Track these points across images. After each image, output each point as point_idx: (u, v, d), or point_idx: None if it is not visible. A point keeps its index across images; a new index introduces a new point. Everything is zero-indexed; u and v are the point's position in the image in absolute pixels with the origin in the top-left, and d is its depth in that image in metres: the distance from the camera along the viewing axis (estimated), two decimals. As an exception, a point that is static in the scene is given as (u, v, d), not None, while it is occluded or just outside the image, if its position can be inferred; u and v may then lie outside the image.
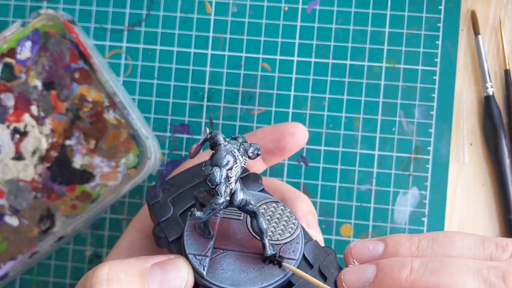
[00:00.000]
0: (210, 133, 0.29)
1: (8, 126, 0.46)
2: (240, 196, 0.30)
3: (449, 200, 0.46)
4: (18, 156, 0.46)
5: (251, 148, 0.30)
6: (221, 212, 0.33)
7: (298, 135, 0.39)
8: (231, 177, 0.29)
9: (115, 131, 0.46)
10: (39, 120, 0.46)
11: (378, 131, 0.46)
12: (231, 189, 0.29)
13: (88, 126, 0.46)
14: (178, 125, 0.47)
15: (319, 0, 0.47)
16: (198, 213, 0.29)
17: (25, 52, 0.47)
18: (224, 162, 0.29)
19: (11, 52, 0.47)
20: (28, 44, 0.46)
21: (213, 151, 0.29)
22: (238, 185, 0.30)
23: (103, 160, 0.46)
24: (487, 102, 0.46)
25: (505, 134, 0.45)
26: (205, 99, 0.47)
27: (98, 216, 0.46)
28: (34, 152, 0.46)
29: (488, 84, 0.45)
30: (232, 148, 0.29)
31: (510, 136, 0.45)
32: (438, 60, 0.46)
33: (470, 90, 0.47)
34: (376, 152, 0.46)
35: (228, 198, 0.29)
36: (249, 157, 0.30)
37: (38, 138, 0.46)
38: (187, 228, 0.32)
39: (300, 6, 0.47)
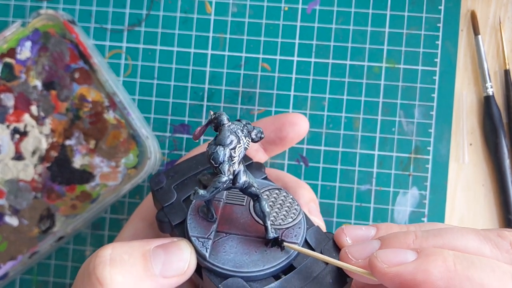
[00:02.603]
0: (214, 113, 0.30)
1: (8, 126, 0.46)
2: (243, 178, 0.30)
3: (449, 200, 0.46)
4: (18, 156, 0.46)
5: (255, 131, 0.30)
6: (224, 196, 0.33)
7: (299, 126, 0.40)
8: (234, 157, 0.29)
9: (115, 131, 0.46)
10: (39, 120, 0.46)
11: (378, 131, 0.46)
12: (234, 170, 0.29)
13: (88, 126, 0.46)
14: (178, 125, 0.47)
15: (319, 0, 0.47)
16: (201, 192, 0.29)
17: (25, 52, 0.47)
18: (228, 141, 0.29)
19: (11, 52, 0.47)
20: (28, 44, 0.46)
21: (217, 132, 0.29)
22: (242, 167, 0.30)
23: (103, 160, 0.46)
24: (487, 102, 0.46)
25: (505, 134, 0.45)
26: (205, 99, 0.47)
27: (98, 216, 0.46)
28: (34, 152, 0.46)
29: (488, 84, 0.45)
30: (235, 129, 0.29)
31: (510, 136, 0.45)
32: (438, 60, 0.46)
33: (470, 90, 0.47)
34: (376, 152, 0.46)
35: (231, 177, 0.29)
36: (252, 139, 0.30)
37: (38, 138, 0.46)
38: (190, 212, 0.32)
39: (300, 6, 0.47)
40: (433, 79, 0.46)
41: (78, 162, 0.46)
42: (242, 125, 0.30)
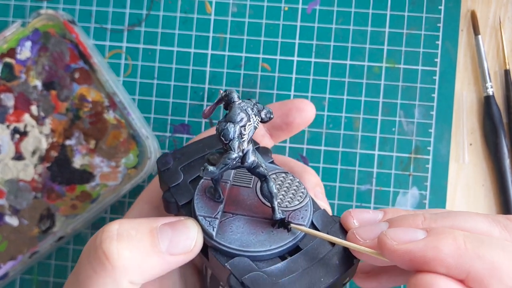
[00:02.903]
0: (225, 91, 0.30)
1: (8, 126, 0.46)
2: (251, 157, 0.30)
3: (449, 200, 0.46)
4: (18, 156, 0.46)
5: (264, 110, 0.30)
6: (231, 178, 0.34)
7: (306, 111, 0.40)
8: (244, 135, 0.29)
9: (115, 131, 0.46)
10: (39, 120, 0.46)
11: (378, 131, 0.46)
12: (243, 148, 0.29)
13: (88, 126, 0.46)
14: (178, 125, 0.47)
15: (319, 0, 0.47)
16: (211, 168, 0.29)
17: (25, 52, 0.47)
18: (238, 118, 0.29)
19: (11, 52, 0.47)
20: (28, 44, 0.46)
21: (227, 110, 0.30)
22: (251, 146, 0.30)
23: (103, 160, 0.46)
24: (487, 102, 0.46)
25: (505, 134, 0.45)
26: (205, 99, 0.47)
27: (98, 216, 0.46)
28: (34, 152, 0.46)
29: (488, 84, 0.45)
30: (246, 107, 0.29)
31: (510, 136, 0.45)
32: (438, 60, 0.46)
33: (470, 90, 0.47)
34: (376, 152, 0.46)
35: (241, 154, 0.29)
36: (261, 119, 0.30)
37: (38, 138, 0.46)
38: (197, 192, 0.32)
39: (300, 6, 0.47)
40: (433, 79, 0.46)
41: (78, 162, 0.46)
42: (252, 103, 0.30)
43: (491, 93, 0.45)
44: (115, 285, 0.28)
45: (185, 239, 0.30)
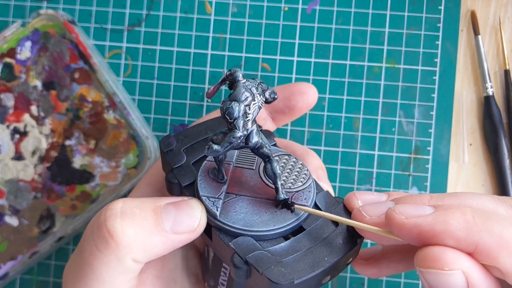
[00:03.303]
0: (229, 70, 0.30)
1: (8, 126, 0.46)
2: (255, 138, 0.30)
3: (449, 200, 0.46)
4: (18, 156, 0.46)
5: (269, 90, 0.30)
6: (234, 160, 0.34)
7: (308, 95, 0.39)
8: (248, 114, 0.29)
9: (115, 131, 0.46)
10: (39, 120, 0.46)
11: (378, 131, 0.46)
12: (247, 128, 0.29)
13: (88, 126, 0.46)
14: (178, 125, 0.47)
15: (319, 0, 0.47)
16: (215, 146, 0.29)
17: (25, 52, 0.47)
18: (243, 97, 0.29)
19: (11, 52, 0.47)
20: (28, 44, 0.46)
21: (232, 90, 0.29)
22: (255, 127, 0.30)
23: (103, 160, 0.46)
24: (486, 102, 0.46)
25: (505, 134, 0.45)
26: (205, 99, 0.47)
27: (98, 216, 0.46)
28: (34, 152, 0.46)
29: (488, 84, 0.45)
30: (250, 86, 0.29)
31: (509, 136, 0.45)
32: (438, 60, 0.46)
33: (470, 90, 0.47)
34: (376, 152, 0.46)
35: (245, 133, 0.29)
36: (266, 99, 0.30)
37: (38, 138, 0.46)
38: (201, 173, 0.33)
39: (300, 6, 0.47)
40: (433, 79, 0.46)
41: (78, 162, 0.46)
42: (257, 83, 0.30)
43: (491, 93, 0.45)
44: (118, 262, 0.29)
45: (188, 218, 0.30)
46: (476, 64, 0.46)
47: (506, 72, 0.46)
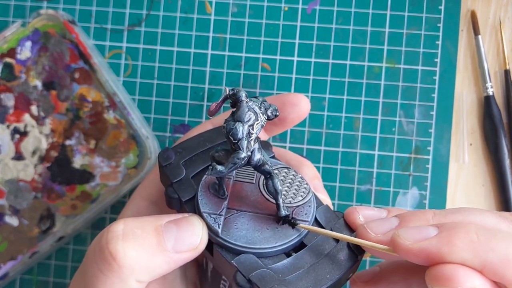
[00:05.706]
0: (232, 89, 0.29)
1: (8, 126, 0.46)
2: (258, 155, 0.30)
3: (449, 200, 0.46)
4: (18, 156, 0.46)
5: (271, 108, 0.30)
6: (233, 174, 0.33)
7: (300, 106, 0.39)
8: (252, 134, 0.29)
9: (115, 131, 0.46)
10: (39, 120, 0.46)
11: (378, 131, 0.46)
12: (250, 149, 0.29)
13: (88, 126, 0.46)
14: (178, 125, 0.47)
15: (319, 0, 0.47)
16: (219, 167, 0.29)
17: (25, 52, 0.47)
18: (247, 118, 0.29)
19: (11, 52, 0.47)
20: (28, 44, 0.46)
21: (234, 109, 0.29)
22: (257, 144, 0.30)
23: (103, 160, 0.46)
24: (487, 102, 0.46)
25: (505, 134, 0.45)
26: (205, 99, 0.47)
27: (98, 216, 0.46)
28: (34, 152, 0.46)
29: (488, 84, 0.45)
30: (254, 106, 0.29)
31: (510, 136, 0.45)
32: (438, 60, 0.46)
33: (470, 90, 0.47)
34: (376, 152, 0.46)
35: (249, 153, 0.29)
36: (268, 117, 0.30)
37: (38, 138, 0.46)
38: (201, 188, 0.32)
39: (300, 6, 0.47)
40: (433, 79, 0.46)
41: (78, 162, 0.46)
42: (260, 102, 0.30)
43: (491, 93, 0.45)
44: (122, 284, 0.28)
45: (190, 236, 0.30)
46: (476, 64, 0.46)
47: (506, 72, 0.46)
